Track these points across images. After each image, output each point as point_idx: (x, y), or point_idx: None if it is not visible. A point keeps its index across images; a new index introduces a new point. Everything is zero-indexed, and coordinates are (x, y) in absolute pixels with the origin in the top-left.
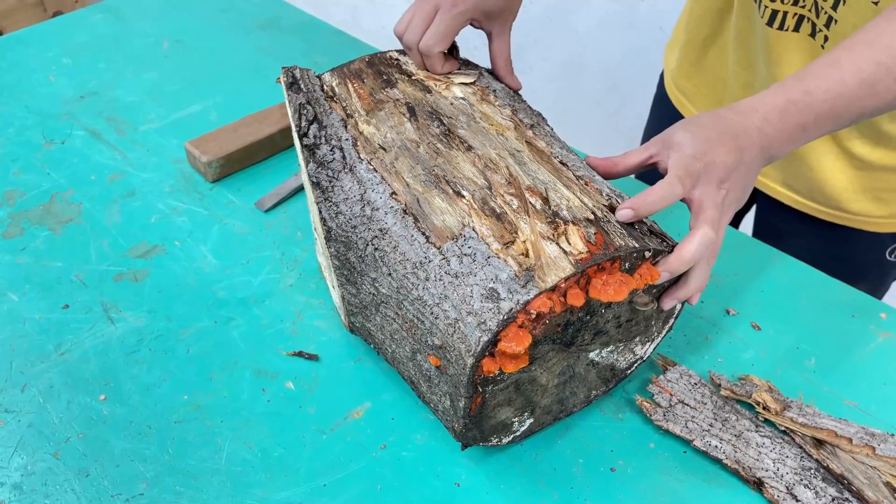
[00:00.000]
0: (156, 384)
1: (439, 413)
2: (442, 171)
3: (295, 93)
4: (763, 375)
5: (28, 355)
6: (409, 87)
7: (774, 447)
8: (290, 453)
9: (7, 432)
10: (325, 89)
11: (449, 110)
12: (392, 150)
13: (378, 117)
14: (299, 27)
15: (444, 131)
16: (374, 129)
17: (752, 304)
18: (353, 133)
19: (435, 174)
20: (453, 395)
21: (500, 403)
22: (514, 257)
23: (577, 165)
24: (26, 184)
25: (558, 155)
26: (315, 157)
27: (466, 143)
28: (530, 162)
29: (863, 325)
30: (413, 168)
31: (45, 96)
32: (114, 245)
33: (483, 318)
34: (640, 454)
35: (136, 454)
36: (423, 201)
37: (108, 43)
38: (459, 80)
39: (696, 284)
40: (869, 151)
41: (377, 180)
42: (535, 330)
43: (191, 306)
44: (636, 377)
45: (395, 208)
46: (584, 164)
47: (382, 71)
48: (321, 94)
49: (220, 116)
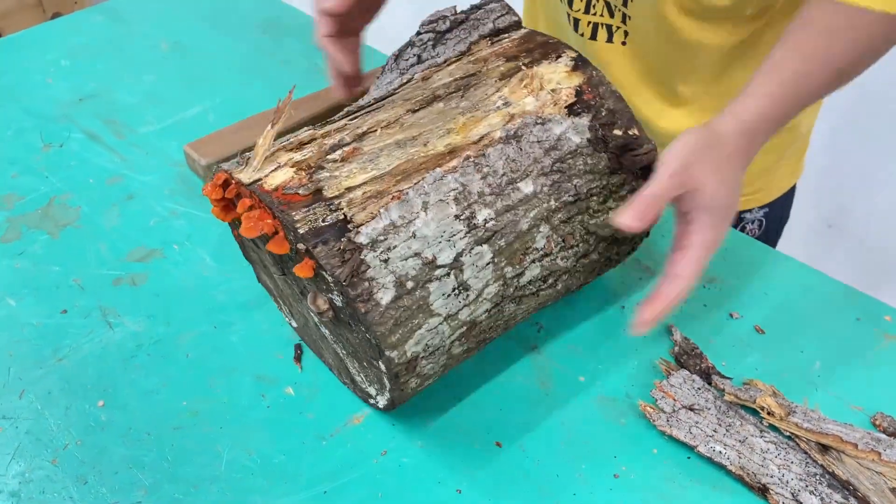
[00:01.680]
0: (154, 390)
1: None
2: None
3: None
4: (767, 380)
5: (26, 361)
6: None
7: (779, 453)
8: (290, 460)
9: (5, 439)
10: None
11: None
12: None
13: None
14: (299, 28)
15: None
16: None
17: (756, 308)
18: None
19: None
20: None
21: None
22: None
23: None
24: (24, 187)
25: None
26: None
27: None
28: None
29: (868, 329)
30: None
31: (44, 98)
32: (112, 249)
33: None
34: (644, 460)
35: (135, 461)
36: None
37: (106, 45)
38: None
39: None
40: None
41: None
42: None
43: (190, 311)
44: (639, 381)
45: None
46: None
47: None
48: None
49: (219, 118)
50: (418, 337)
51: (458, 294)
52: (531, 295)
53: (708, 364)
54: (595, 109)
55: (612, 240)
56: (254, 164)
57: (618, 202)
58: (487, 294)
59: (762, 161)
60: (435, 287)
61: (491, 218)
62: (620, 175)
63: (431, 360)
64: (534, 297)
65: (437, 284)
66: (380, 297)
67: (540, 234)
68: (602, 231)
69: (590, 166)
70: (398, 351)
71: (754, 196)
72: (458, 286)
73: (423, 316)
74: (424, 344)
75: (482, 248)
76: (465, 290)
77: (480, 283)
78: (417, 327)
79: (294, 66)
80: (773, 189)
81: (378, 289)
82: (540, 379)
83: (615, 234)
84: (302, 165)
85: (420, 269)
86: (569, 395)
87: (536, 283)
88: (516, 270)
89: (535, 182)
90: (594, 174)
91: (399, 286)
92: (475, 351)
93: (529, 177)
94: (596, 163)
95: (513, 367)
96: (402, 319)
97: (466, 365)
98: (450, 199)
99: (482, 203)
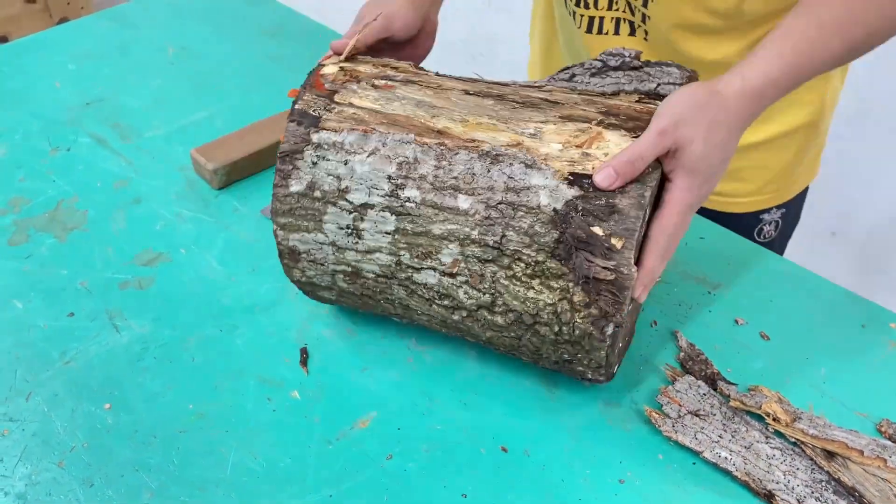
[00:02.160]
0: (160, 393)
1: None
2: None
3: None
4: (772, 386)
5: (33, 363)
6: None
7: (785, 459)
8: (295, 463)
9: (11, 441)
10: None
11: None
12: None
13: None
14: (305, 34)
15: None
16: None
17: (761, 314)
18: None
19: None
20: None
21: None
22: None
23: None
24: (32, 191)
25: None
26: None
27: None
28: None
29: (873, 335)
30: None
31: (51, 103)
32: (119, 252)
33: None
34: (649, 466)
35: (141, 464)
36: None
37: (113, 50)
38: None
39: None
40: None
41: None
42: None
43: (196, 314)
44: (645, 387)
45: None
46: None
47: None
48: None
49: (225, 123)
50: (303, 238)
51: (350, 234)
52: (424, 299)
53: (713, 370)
54: (596, 195)
55: (531, 328)
56: (339, 57)
57: (545, 289)
58: (378, 259)
59: (783, 159)
60: (333, 211)
61: (414, 200)
62: (561, 265)
63: (315, 269)
64: (427, 303)
65: (335, 210)
66: (292, 183)
67: (448, 250)
68: (513, 303)
69: (533, 231)
70: (283, 231)
71: (774, 195)
72: (352, 227)
73: (312, 224)
74: (308, 248)
75: (390, 216)
76: (357, 237)
77: (373, 242)
78: (305, 230)
79: (300, 71)
80: (791, 188)
81: (295, 177)
82: (547, 385)
83: (535, 323)
84: (347, 69)
85: (332, 189)
86: (574, 400)
87: (431, 292)
88: (412, 262)
89: (474, 204)
90: (532, 242)
91: (309, 188)
92: (369, 307)
93: (472, 196)
94: (542, 233)
95: (519, 372)
96: (296, 212)
97: (472, 369)
98: (396, 160)
99: (416, 184)
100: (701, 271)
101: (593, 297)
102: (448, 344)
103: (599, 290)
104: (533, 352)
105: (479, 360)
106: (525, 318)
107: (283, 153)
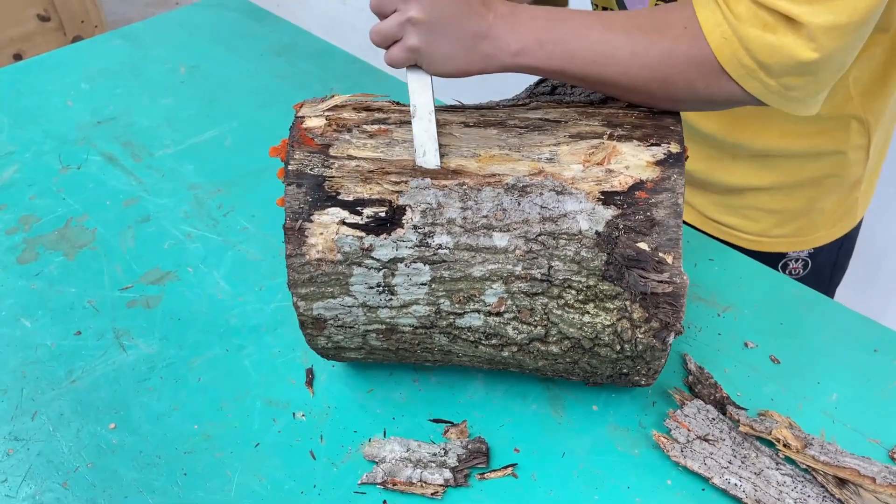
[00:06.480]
0: (166, 413)
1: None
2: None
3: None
4: (783, 411)
5: (39, 382)
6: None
7: (796, 486)
8: (300, 485)
9: (16, 461)
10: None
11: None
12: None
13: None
14: (315, 53)
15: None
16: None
17: (772, 337)
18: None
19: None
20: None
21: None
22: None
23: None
24: (42, 209)
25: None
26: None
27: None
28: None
29: (886, 360)
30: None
31: (63, 121)
32: (127, 271)
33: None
34: (658, 491)
35: (145, 485)
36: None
37: (125, 69)
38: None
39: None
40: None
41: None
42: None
43: (203, 334)
44: (653, 410)
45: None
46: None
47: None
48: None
49: (235, 142)
50: (328, 304)
51: (381, 293)
52: (469, 342)
53: (723, 394)
54: (633, 210)
55: (590, 352)
56: (319, 106)
57: (601, 312)
58: (415, 311)
59: (790, 206)
60: (359, 272)
61: (447, 246)
62: (614, 286)
63: (343, 333)
64: (472, 346)
65: (362, 271)
66: (308, 250)
67: (491, 290)
68: (568, 330)
69: (580, 258)
70: (305, 303)
71: (795, 240)
72: (383, 285)
73: (338, 289)
74: (335, 314)
75: (423, 267)
76: (390, 293)
77: (409, 296)
78: (330, 296)
79: (309, 89)
80: (814, 235)
81: (309, 244)
82: (553, 408)
83: (595, 346)
84: (331, 119)
85: (354, 250)
86: (582, 424)
87: (477, 334)
88: (454, 308)
89: (512, 240)
90: (581, 269)
91: (327, 251)
92: (405, 359)
93: (509, 233)
94: (590, 258)
95: (527, 395)
96: (317, 280)
97: (479, 393)
98: (418, 209)
99: (445, 229)
100: (710, 293)
101: (652, 311)
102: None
103: (658, 304)
104: (588, 372)
105: (485, 382)
106: (584, 343)
107: (289, 222)
